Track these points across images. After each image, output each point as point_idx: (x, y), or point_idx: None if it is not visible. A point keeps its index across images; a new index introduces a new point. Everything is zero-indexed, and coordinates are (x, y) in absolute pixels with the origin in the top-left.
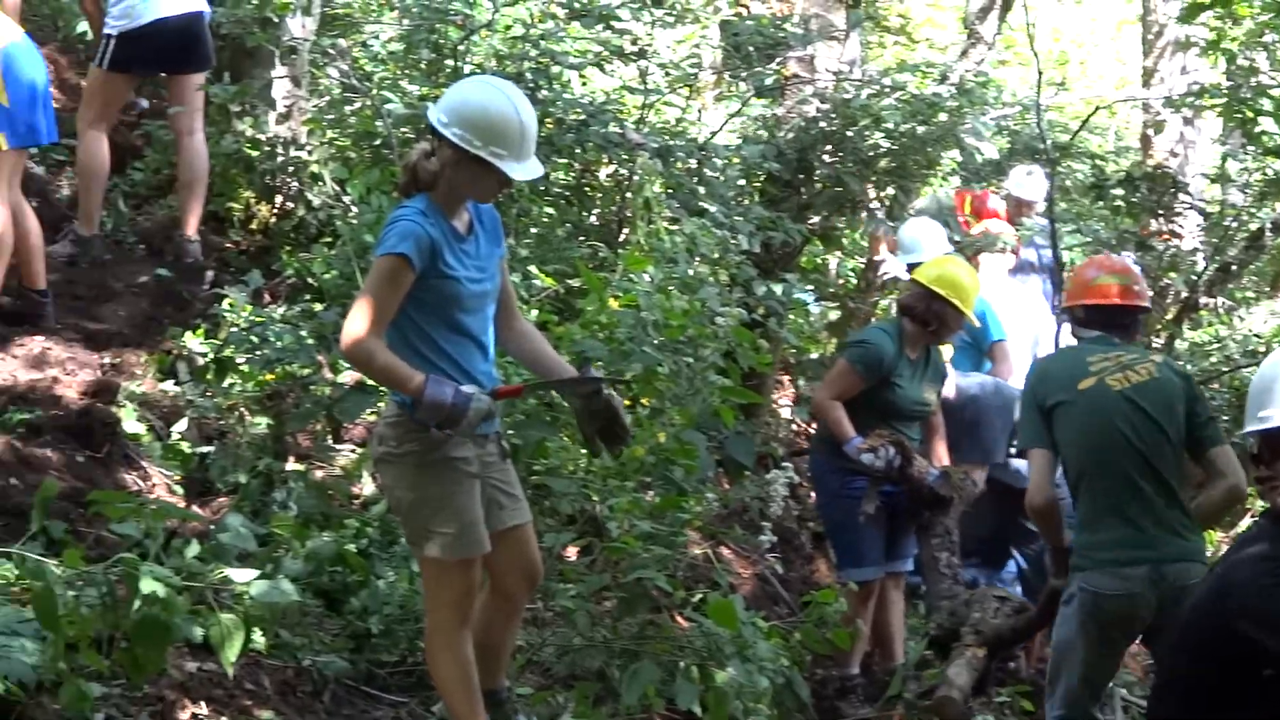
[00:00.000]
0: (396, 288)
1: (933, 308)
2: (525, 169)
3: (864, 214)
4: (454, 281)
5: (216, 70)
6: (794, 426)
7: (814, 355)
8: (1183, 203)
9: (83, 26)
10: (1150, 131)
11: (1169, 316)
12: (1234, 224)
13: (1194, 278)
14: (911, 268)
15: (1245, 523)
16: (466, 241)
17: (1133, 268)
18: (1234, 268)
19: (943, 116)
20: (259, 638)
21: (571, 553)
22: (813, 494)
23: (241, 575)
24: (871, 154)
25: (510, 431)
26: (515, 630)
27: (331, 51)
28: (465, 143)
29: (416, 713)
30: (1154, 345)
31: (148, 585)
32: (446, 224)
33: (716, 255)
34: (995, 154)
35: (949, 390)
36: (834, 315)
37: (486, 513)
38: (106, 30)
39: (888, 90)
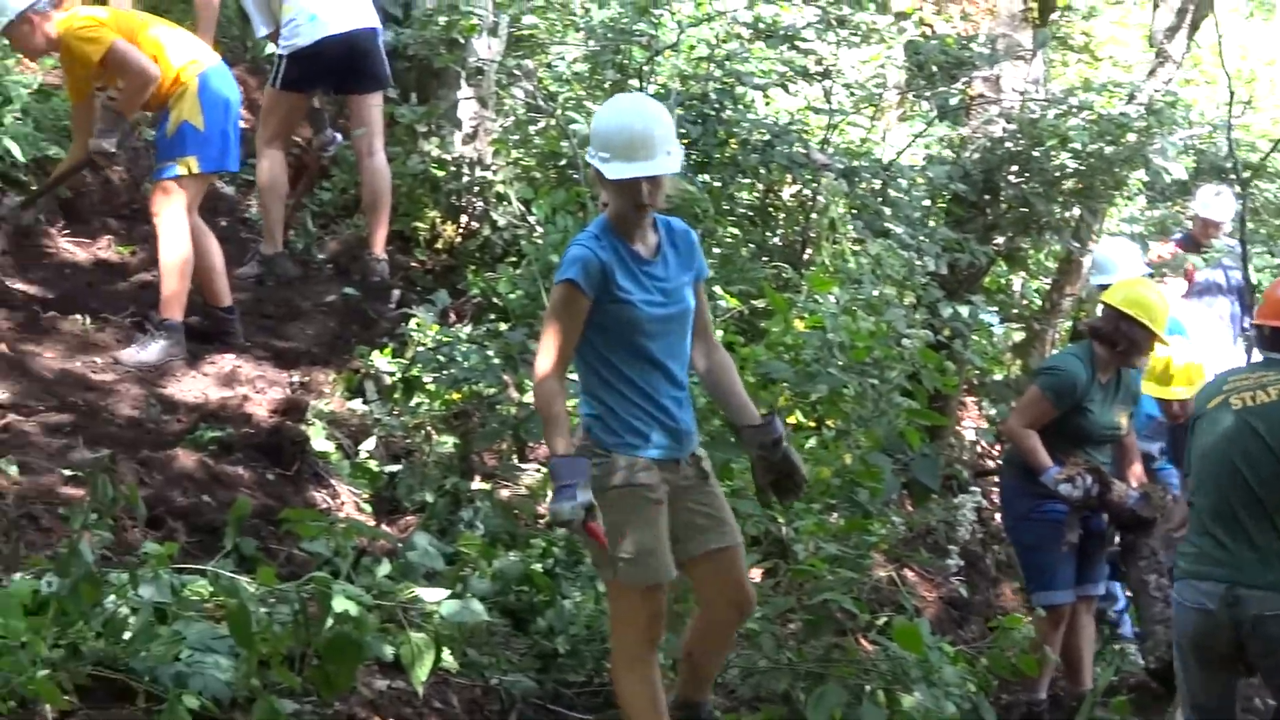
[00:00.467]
0: (571, 314)
1: (1121, 329)
2: (621, 169)
3: (1049, 234)
4: (630, 306)
5: (403, 91)
6: (978, 448)
7: (998, 377)
8: None
9: (271, 48)
10: None
11: None
12: None
13: None
14: (1102, 289)
15: None
16: (650, 264)
17: None
18: None
19: (1131, 136)
20: (448, 657)
21: (756, 574)
22: (997, 516)
23: (432, 594)
24: (1058, 174)
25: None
26: (723, 653)
27: (517, 72)
28: (590, 156)
29: None
30: None
31: (339, 604)
32: (624, 246)
33: (902, 276)
34: (1183, 174)
35: None
36: (1018, 337)
37: (684, 537)
38: (278, 50)
39: (1075, 110)
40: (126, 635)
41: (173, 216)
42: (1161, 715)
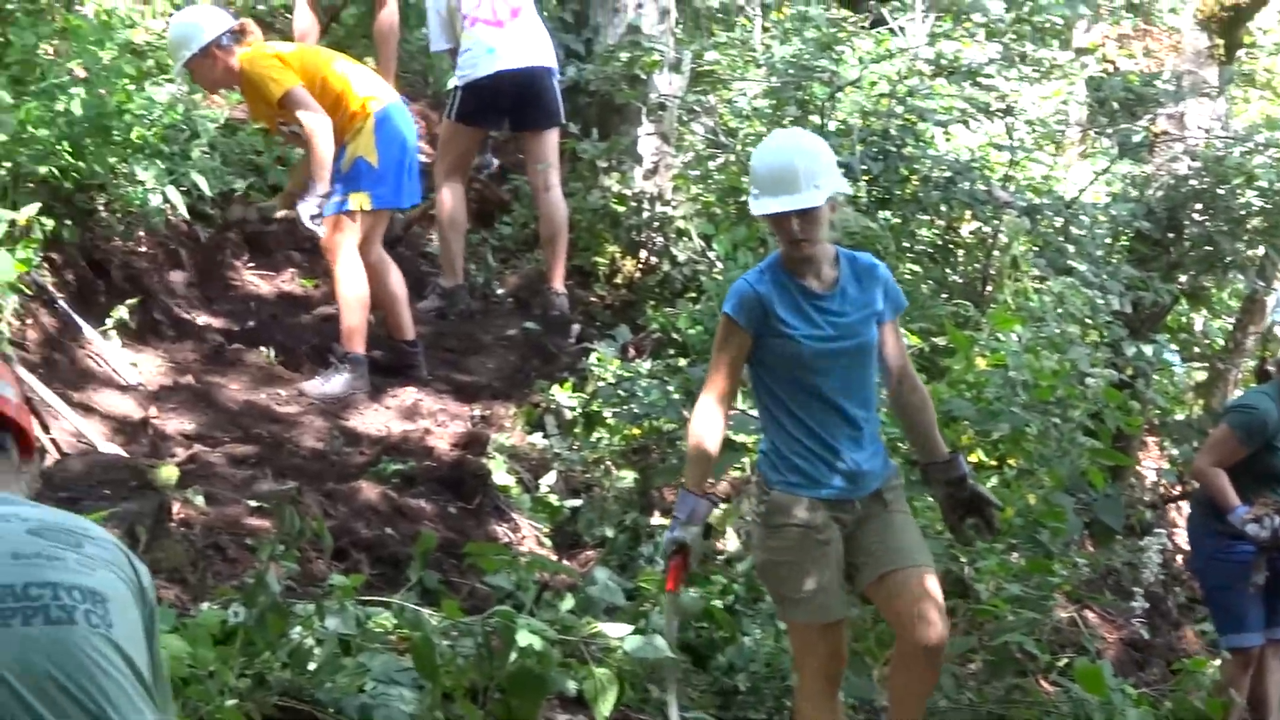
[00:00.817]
0: (729, 348)
1: None
2: (769, 204)
3: (1233, 273)
4: (791, 340)
5: (584, 126)
6: (1159, 489)
7: (1180, 417)
8: None
9: (453, 82)
10: None
11: None
12: None
13: None
14: None
15: None
16: (824, 298)
17: None
18: None
19: None
20: (630, 692)
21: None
22: (1179, 557)
23: (615, 630)
24: (1243, 212)
25: None
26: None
27: (698, 108)
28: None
29: None
30: None
31: (523, 638)
32: (792, 280)
33: (1085, 315)
34: None
35: None
36: (1201, 376)
37: (861, 566)
38: (454, 82)
39: (1260, 148)
40: (312, 666)
41: (346, 251)
42: None
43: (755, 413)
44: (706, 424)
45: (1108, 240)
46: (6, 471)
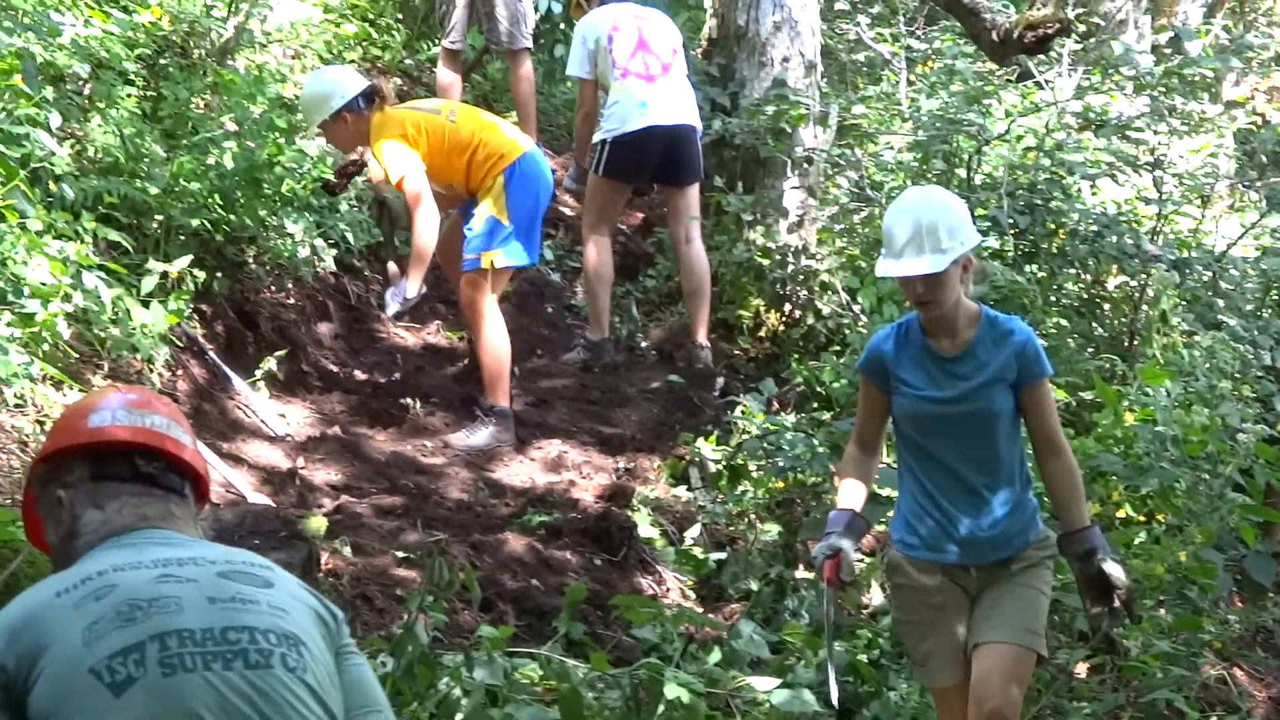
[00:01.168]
0: (863, 399)
1: None
2: (890, 266)
3: None
4: (909, 400)
5: (729, 180)
6: None
7: None
8: None
9: (598, 135)
10: None
11: None
12: None
13: None
14: None
15: None
16: (952, 361)
17: None
18: None
19: None
20: None
21: (1082, 669)
22: None
23: (761, 683)
24: None
25: None
26: None
27: (842, 162)
28: None
29: None
30: None
31: (671, 690)
32: (922, 340)
33: (1236, 369)
34: None
35: None
36: None
37: (971, 630)
38: (601, 135)
39: None
40: (459, 717)
41: (482, 307)
42: None
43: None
44: (850, 464)
45: (1258, 294)
46: (185, 516)
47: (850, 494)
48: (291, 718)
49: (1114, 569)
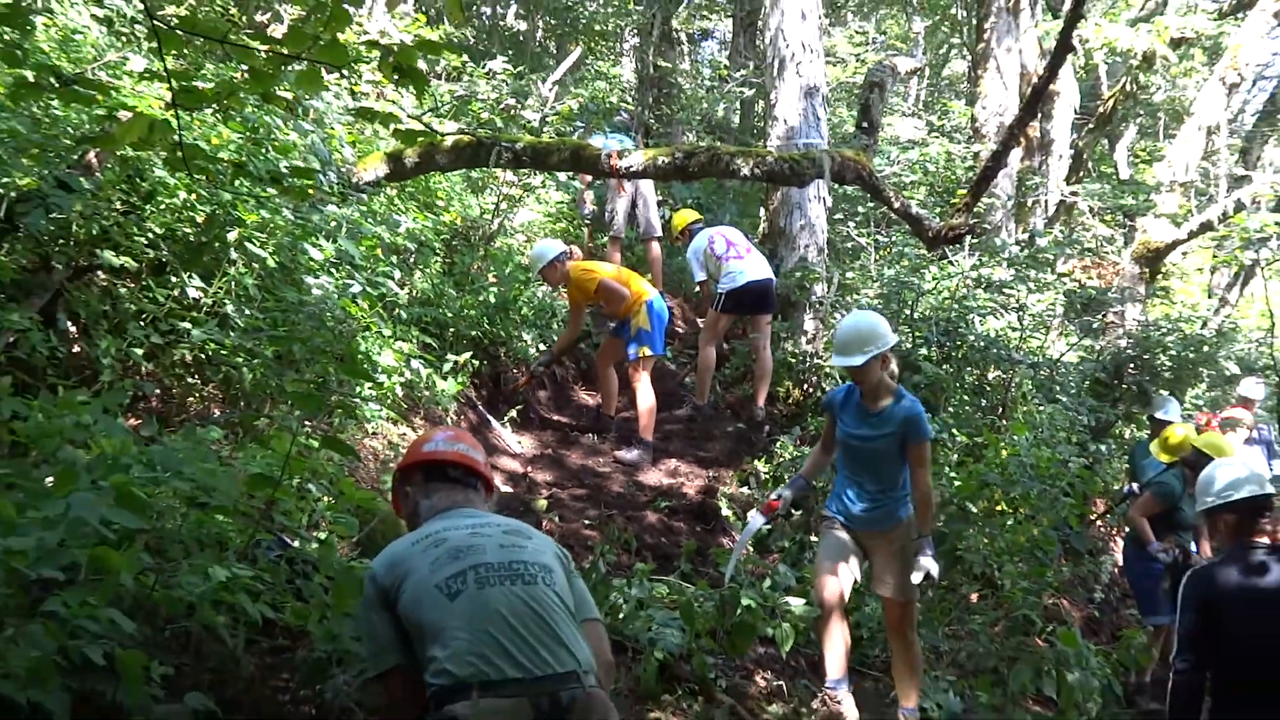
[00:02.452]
0: (825, 421)
1: (1201, 460)
2: (836, 359)
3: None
4: (842, 430)
5: (778, 313)
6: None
7: (1117, 488)
8: None
9: (719, 289)
10: None
11: None
12: None
13: None
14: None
15: None
16: (872, 416)
17: None
18: None
19: (1205, 348)
20: (800, 638)
21: (974, 597)
22: (1118, 570)
23: (793, 601)
24: (1159, 368)
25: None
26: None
27: (838, 305)
28: None
29: None
30: None
31: (744, 601)
32: (859, 398)
33: (1065, 426)
34: (1235, 370)
35: None
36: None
37: (874, 577)
38: (720, 289)
39: (1167, 332)
40: (621, 616)
41: (640, 380)
42: None
43: None
44: (812, 456)
45: (1077, 383)
46: (479, 501)
47: (807, 470)
48: (550, 609)
49: (928, 563)
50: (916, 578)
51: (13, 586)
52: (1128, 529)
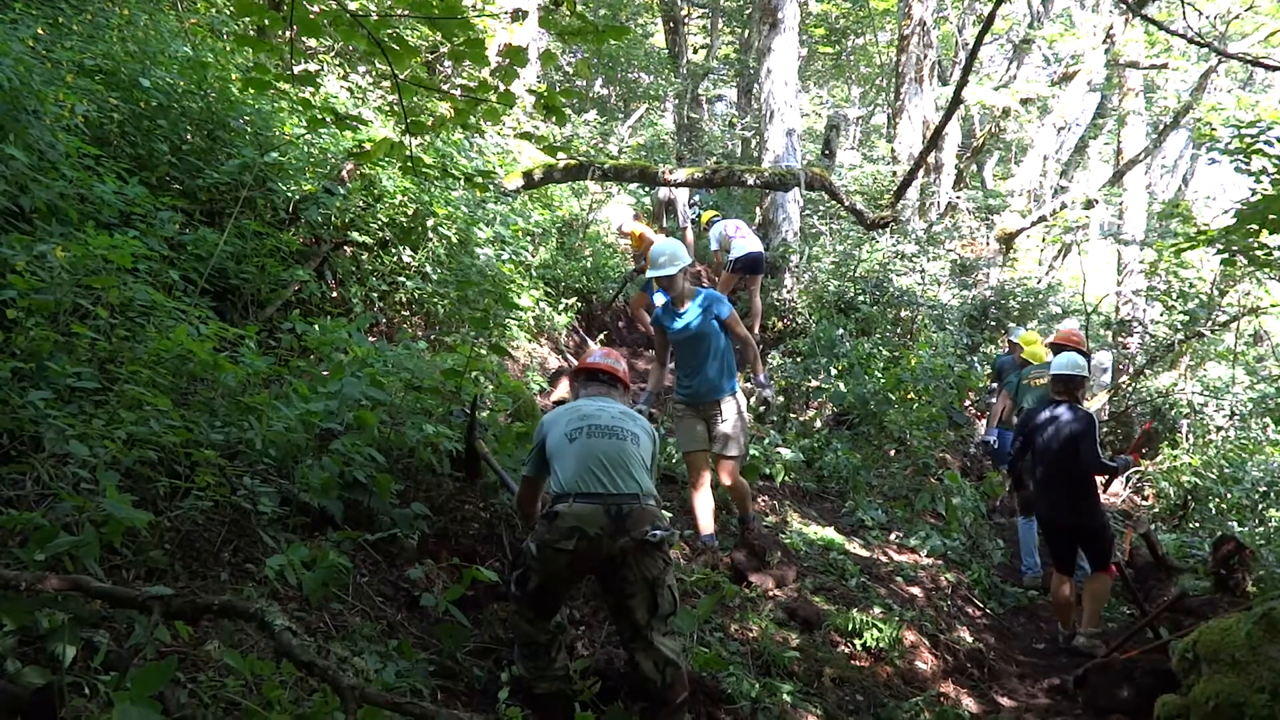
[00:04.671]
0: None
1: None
2: (651, 272)
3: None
4: (669, 329)
5: (766, 276)
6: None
7: (983, 386)
8: None
9: (730, 257)
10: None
11: None
12: None
13: None
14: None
15: None
16: (680, 312)
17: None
18: None
19: (1039, 296)
20: (789, 476)
21: (892, 452)
22: (981, 434)
23: (784, 451)
24: (1008, 309)
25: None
26: (735, 503)
27: (806, 269)
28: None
29: None
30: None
31: (754, 453)
32: (671, 307)
33: (951, 345)
34: (1060, 311)
35: None
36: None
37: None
38: (730, 258)
39: (1015, 288)
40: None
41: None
42: None
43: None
44: (653, 373)
45: (958, 319)
46: (616, 396)
47: (652, 385)
48: (630, 459)
49: (768, 395)
50: (759, 403)
51: (310, 434)
52: (988, 412)
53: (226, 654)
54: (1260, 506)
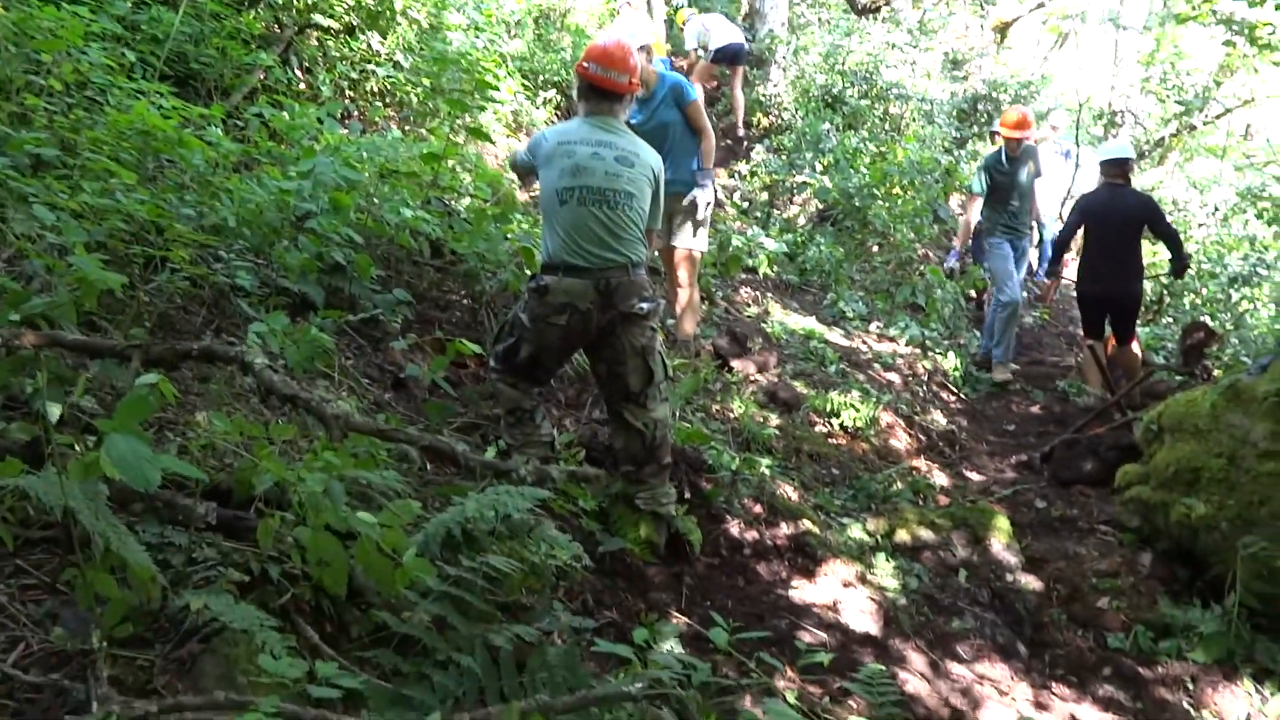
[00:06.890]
0: None
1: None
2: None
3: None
4: (637, 127)
5: (752, 65)
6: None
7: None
8: None
9: (711, 47)
10: None
11: None
12: None
13: None
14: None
15: None
16: (649, 99)
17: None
18: None
19: (1031, 87)
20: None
21: (875, 247)
22: None
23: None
24: (998, 101)
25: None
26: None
27: (795, 58)
28: None
29: None
30: None
31: (735, 240)
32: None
33: (940, 139)
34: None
35: None
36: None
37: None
38: (713, 48)
39: (1005, 84)
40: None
41: None
42: None
43: None
44: None
45: (948, 112)
46: (621, 113)
47: None
48: (619, 227)
49: (697, 195)
50: (689, 204)
51: (286, 214)
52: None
53: (214, 416)
54: (1234, 300)
